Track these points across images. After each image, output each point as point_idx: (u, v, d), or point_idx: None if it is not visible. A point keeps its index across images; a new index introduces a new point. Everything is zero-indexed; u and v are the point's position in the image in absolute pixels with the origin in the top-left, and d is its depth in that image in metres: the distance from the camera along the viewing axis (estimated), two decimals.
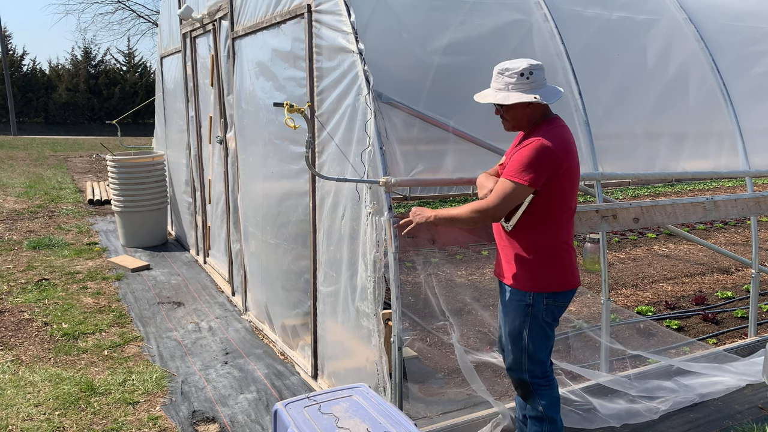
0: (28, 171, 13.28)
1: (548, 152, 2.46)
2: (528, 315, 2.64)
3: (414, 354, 4.13)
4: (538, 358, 2.69)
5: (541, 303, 2.62)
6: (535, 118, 2.60)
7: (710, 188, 12.40)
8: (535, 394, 2.73)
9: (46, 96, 28.45)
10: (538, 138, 2.49)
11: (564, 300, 2.67)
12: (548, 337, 2.70)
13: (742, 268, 6.62)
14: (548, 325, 2.68)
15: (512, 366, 2.77)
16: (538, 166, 2.45)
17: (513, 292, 2.68)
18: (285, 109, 2.98)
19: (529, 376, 2.72)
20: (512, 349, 2.73)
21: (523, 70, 2.52)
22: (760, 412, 3.51)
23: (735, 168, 4.09)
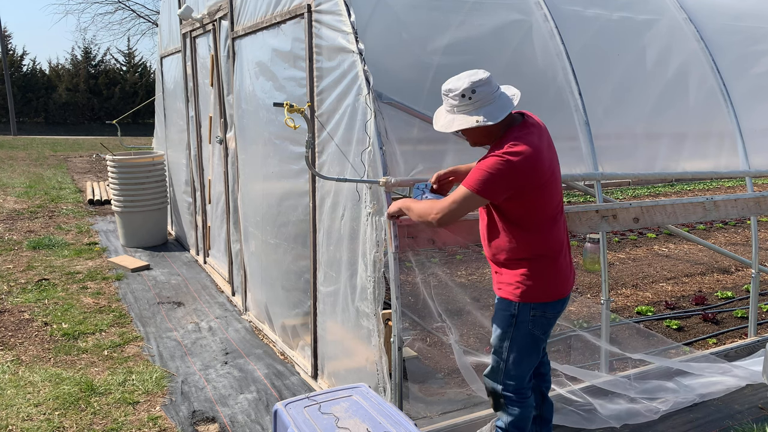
0: (28, 171, 13.28)
1: (509, 170, 2.34)
2: (511, 326, 2.58)
3: (414, 354, 4.13)
4: (515, 372, 2.62)
5: (527, 314, 2.54)
6: (494, 132, 2.47)
7: (710, 188, 12.40)
8: (504, 407, 2.68)
9: (46, 96, 28.44)
10: (500, 154, 2.35)
11: (553, 311, 2.58)
12: (531, 352, 2.61)
13: (742, 268, 6.62)
14: (534, 339, 2.59)
15: (488, 374, 2.73)
16: (496, 182, 2.35)
17: (500, 301, 2.63)
18: (285, 109, 2.98)
19: (502, 388, 2.66)
20: (492, 358, 2.68)
21: (464, 90, 2.39)
22: (760, 412, 3.51)
23: (735, 168, 4.09)
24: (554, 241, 2.55)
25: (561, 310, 2.63)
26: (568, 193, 10.91)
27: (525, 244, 2.52)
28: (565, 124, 3.59)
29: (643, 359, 3.74)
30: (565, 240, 2.64)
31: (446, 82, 2.48)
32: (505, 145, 2.38)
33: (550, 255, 2.54)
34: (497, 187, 2.37)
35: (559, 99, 3.59)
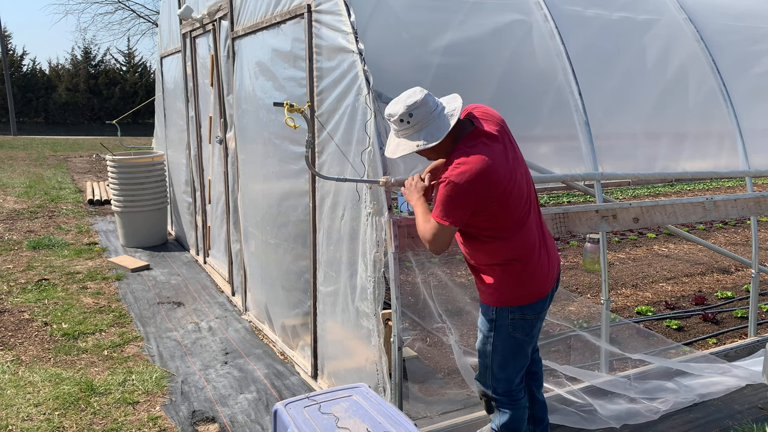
0: (28, 171, 13.28)
1: (463, 193, 2.30)
2: (492, 330, 2.57)
3: (414, 354, 4.13)
4: (501, 375, 2.62)
5: (506, 318, 2.53)
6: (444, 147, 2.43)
7: (710, 188, 12.40)
8: (496, 410, 2.68)
9: (46, 96, 28.44)
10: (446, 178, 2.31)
11: (533, 312, 2.55)
12: (516, 354, 2.59)
13: (742, 268, 6.62)
14: (516, 342, 2.57)
15: (477, 377, 2.73)
16: (455, 208, 2.33)
17: (481, 306, 2.63)
18: (285, 109, 2.98)
19: (492, 391, 2.66)
20: (479, 362, 2.68)
21: (401, 115, 2.38)
22: (760, 412, 3.51)
23: (735, 168, 4.09)
24: (524, 244, 2.49)
25: (543, 309, 2.59)
26: (568, 193, 10.91)
27: (493, 251, 2.50)
28: (565, 124, 3.59)
29: (643, 359, 3.74)
30: (537, 239, 2.55)
31: (388, 105, 2.46)
32: (450, 166, 2.34)
33: (521, 258, 2.50)
34: (458, 212, 2.34)
35: (559, 99, 3.59)
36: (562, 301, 5.34)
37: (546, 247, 2.60)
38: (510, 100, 3.49)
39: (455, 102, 2.47)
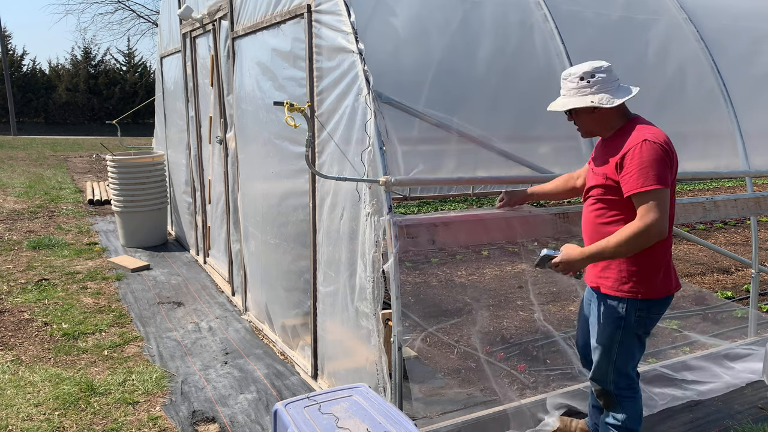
0: (28, 171, 13.28)
1: (662, 151, 2.36)
2: (618, 328, 2.57)
3: (414, 354, 4.13)
4: (624, 370, 2.65)
5: (633, 314, 2.53)
6: (610, 122, 2.52)
7: (710, 188, 12.40)
8: (619, 405, 2.69)
9: (46, 96, 28.44)
10: (644, 139, 2.37)
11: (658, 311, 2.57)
12: (638, 350, 2.64)
13: (742, 268, 6.62)
14: (640, 338, 2.61)
15: (595, 376, 2.72)
16: (663, 166, 2.35)
17: (605, 300, 2.59)
18: (285, 108, 2.99)
19: (614, 387, 2.68)
20: (599, 359, 2.67)
21: (583, 73, 2.47)
22: (760, 412, 3.51)
23: (735, 168, 4.09)
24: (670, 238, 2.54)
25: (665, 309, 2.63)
26: None
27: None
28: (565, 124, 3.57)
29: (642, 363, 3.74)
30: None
31: (567, 69, 2.57)
32: (633, 134, 2.42)
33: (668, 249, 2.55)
34: (666, 170, 2.36)
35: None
36: (562, 301, 5.34)
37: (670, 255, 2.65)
38: (510, 100, 3.49)
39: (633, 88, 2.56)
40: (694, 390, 3.64)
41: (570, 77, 2.51)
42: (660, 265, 2.53)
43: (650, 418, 3.39)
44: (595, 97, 2.46)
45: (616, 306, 2.56)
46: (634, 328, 2.57)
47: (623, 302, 2.54)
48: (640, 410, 2.72)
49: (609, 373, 2.66)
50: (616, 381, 2.66)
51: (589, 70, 2.47)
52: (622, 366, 2.64)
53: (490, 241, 3.02)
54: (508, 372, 3.94)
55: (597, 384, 2.75)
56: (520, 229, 3.17)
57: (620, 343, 2.60)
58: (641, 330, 2.59)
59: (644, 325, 2.58)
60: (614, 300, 2.57)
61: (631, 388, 2.68)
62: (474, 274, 6.19)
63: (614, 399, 2.70)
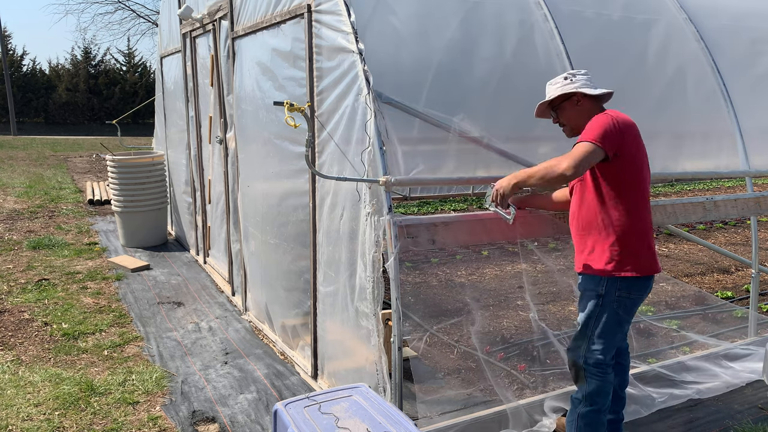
0: (28, 171, 13.28)
1: (613, 121, 2.58)
2: (597, 305, 2.71)
3: (414, 354, 4.13)
4: (596, 347, 2.73)
5: (614, 293, 2.66)
6: (589, 115, 2.73)
7: (710, 188, 12.40)
8: (583, 380, 2.78)
9: (46, 96, 28.45)
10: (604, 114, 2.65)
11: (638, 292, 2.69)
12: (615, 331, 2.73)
13: (742, 268, 6.62)
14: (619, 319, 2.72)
15: (571, 347, 2.83)
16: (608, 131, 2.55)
17: (585, 278, 2.75)
18: (285, 108, 2.99)
19: (583, 361, 2.76)
20: (578, 332, 2.80)
21: (567, 74, 2.80)
22: (760, 412, 3.51)
23: (735, 168, 4.09)
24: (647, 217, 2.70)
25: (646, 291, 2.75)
26: None
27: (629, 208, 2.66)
28: None
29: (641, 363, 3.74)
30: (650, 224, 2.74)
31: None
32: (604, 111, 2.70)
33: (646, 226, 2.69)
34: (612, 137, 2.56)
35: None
36: (562, 301, 5.34)
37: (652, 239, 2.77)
38: (510, 100, 3.49)
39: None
40: (693, 389, 3.64)
41: (554, 80, 2.83)
42: (641, 246, 2.67)
43: (649, 417, 3.40)
44: (581, 87, 2.74)
45: (597, 283, 2.69)
46: (613, 306, 2.68)
47: (604, 279, 2.67)
48: (606, 389, 2.77)
49: (582, 347, 2.76)
50: (587, 356, 2.75)
51: (572, 72, 2.80)
52: (596, 342, 2.72)
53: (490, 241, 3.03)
54: (508, 372, 3.94)
55: (570, 354, 2.84)
56: (520, 229, 3.17)
57: (597, 318, 2.71)
58: (621, 310, 2.69)
59: (624, 305, 2.69)
60: (596, 278, 2.70)
61: (599, 367, 2.74)
62: (474, 274, 6.19)
63: (580, 373, 2.78)
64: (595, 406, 2.76)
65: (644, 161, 2.71)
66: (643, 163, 2.69)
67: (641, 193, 2.67)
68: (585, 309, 2.75)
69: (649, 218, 2.71)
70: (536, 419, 3.27)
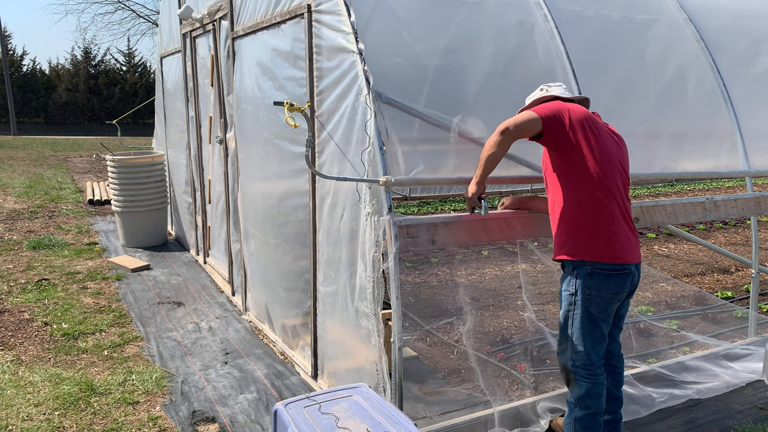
0: (28, 171, 13.28)
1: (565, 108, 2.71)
2: (571, 304, 2.75)
3: (414, 354, 4.13)
4: (580, 348, 2.74)
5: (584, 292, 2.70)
6: None
7: (710, 188, 12.40)
8: (574, 383, 2.78)
9: (46, 96, 28.45)
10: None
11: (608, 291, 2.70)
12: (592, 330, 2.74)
13: (742, 268, 6.62)
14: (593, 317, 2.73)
15: (559, 351, 2.85)
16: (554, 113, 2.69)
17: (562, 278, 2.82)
18: (285, 108, 2.99)
19: (571, 364, 2.77)
20: (560, 335, 2.82)
21: (542, 86, 2.96)
22: (760, 412, 3.51)
23: (735, 168, 4.09)
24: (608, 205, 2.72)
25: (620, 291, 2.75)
26: None
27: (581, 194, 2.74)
28: None
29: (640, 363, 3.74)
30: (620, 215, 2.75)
31: None
32: None
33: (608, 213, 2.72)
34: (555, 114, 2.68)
35: None
36: None
37: (631, 231, 2.78)
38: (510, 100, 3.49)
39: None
40: (693, 389, 3.64)
41: (532, 93, 3.01)
42: (598, 232, 2.68)
43: (649, 417, 3.40)
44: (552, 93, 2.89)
45: (568, 283, 2.74)
46: (585, 305, 2.70)
47: (573, 278, 2.71)
48: (598, 391, 2.76)
49: (567, 350, 2.78)
50: (574, 358, 2.76)
51: (546, 84, 2.96)
52: (578, 343, 2.74)
53: (490, 241, 3.04)
54: (508, 372, 3.94)
55: (558, 359, 2.86)
56: (520, 229, 3.17)
57: (573, 320, 2.74)
58: (594, 309, 2.70)
59: (596, 304, 2.70)
60: (566, 277, 2.75)
61: (587, 369, 2.74)
62: (474, 274, 6.19)
63: (570, 377, 2.79)
64: (589, 409, 2.75)
65: (608, 155, 2.73)
66: (605, 157, 2.71)
67: (602, 185, 2.68)
68: (562, 310, 2.79)
69: (613, 209, 2.70)
70: (536, 419, 3.28)
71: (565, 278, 2.77)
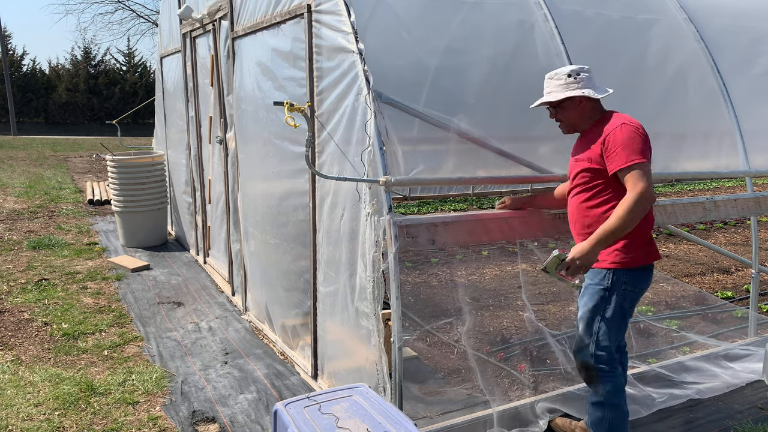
0: (28, 171, 13.28)
1: (641, 131, 2.64)
2: (603, 300, 2.73)
3: (414, 354, 4.13)
4: (605, 344, 2.74)
5: (620, 287, 2.69)
6: (590, 115, 2.78)
7: (710, 188, 12.40)
8: (598, 381, 2.77)
9: (46, 96, 28.44)
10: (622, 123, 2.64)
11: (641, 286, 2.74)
12: (620, 326, 2.77)
13: (742, 268, 6.62)
14: (624, 312, 2.75)
15: (577, 349, 2.82)
16: (643, 144, 2.60)
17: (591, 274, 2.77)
18: (285, 108, 2.99)
19: (594, 361, 2.76)
20: (582, 333, 2.79)
21: (570, 71, 2.75)
22: (760, 412, 3.51)
23: (735, 168, 4.09)
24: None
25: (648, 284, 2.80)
26: None
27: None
28: None
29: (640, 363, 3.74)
30: None
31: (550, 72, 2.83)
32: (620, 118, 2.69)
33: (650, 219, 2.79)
34: (646, 148, 2.61)
35: None
36: (562, 301, 5.34)
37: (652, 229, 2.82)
38: (510, 100, 3.49)
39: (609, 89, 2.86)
40: (693, 389, 3.64)
41: (556, 76, 2.79)
42: (644, 236, 2.72)
43: (649, 417, 3.40)
44: (585, 89, 2.73)
45: (602, 277, 2.72)
46: (619, 300, 2.70)
47: (609, 273, 2.70)
48: (621, 385, 2.80)
49: (590, 346, 2.76)
50: (597, 354, 2.75)
51: (576, 69, 2.77)
52: (603, 338, 2.73)
53: (490, 241, 3.04)
54: (508, 372, 3.94)
55: (578, 356, 2.83)
56: (520, 229, 3.17)
57: (603, 313, 2.73)
58: (626, 303, 2.73)
59: (629, 298, 2.72)
60: (601, 272, 2.72)
61: (610, 364, 2.76)
62: (474, 274, 6.19)
63: (594, 373, 2.78)
64: (619, 407, 2.78)
65: None
66: None
67: None
68: (588, 305, 2.76)
69: (651, 210, 2.78)
70: (536, 419, 3.27)
71: (599, 274, 2.73)
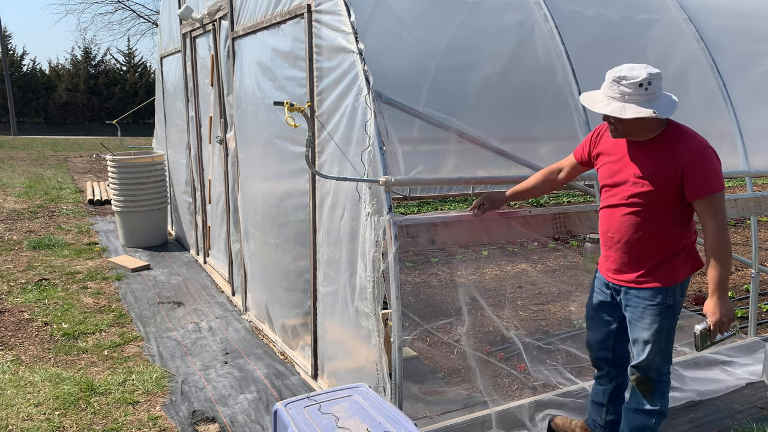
0: (28, 171, 13.28)
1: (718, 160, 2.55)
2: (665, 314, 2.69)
3: (414, 354, 4.13)
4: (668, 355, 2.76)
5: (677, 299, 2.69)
6: (656, 127, 2.57)
7: None
8: (657, 393, 2.77)
9: (46, 96, 28.44)
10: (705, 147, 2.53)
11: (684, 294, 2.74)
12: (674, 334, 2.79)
13: (742, 268, 6.62)
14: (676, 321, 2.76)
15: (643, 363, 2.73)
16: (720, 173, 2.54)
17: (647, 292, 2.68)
18: (285, 108, 2.99)
19: (658, 373, 2.75)
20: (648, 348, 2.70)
21: (642, 80, 2.44)
22: (760, 412, 3.51)
23: (735, 168, 4.09)
24: None
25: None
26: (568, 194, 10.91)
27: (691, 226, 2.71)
28: (565, 123, 3.59)
29: None
30: None
31: (617, 68, 2.51)
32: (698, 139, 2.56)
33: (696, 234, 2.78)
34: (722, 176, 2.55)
35: (559, 99, 3.59)
36: (562, 301, 5.34)
37: None
38: (510, 100, 3.49)
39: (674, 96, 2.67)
40: (693, 390, 3.64)
41: (625, 82, 2.47)
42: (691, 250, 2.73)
43: None
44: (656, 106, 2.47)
45: (664, 296, 2.65)
46: (677, 313, 2.72)
47: (669, 291, 2.65)
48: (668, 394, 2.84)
49: (656, 361, 2.72)
50: (660, 367, 2.74)
51: (648, 77, 2.45)
52: (669, 352, 2.74)
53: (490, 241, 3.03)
54: (508, 372, 3.94)
55: (640, 372, 2.76)
56: (520, 229, 3.17)
57: (669, 332, 2.71)
58: (678, 313, 2.74)
59: (680, 308, 2.74)
60: (660, 291, 2.65)
61: (669, 373, 2.80)
62: (474, 274, 6.19)
63: (655, 385, 2.75)
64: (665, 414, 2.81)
65: None
66: None
67: None
68: (653, 327, 2.67)
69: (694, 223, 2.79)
70: (536, 419, 3.27)
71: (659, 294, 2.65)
